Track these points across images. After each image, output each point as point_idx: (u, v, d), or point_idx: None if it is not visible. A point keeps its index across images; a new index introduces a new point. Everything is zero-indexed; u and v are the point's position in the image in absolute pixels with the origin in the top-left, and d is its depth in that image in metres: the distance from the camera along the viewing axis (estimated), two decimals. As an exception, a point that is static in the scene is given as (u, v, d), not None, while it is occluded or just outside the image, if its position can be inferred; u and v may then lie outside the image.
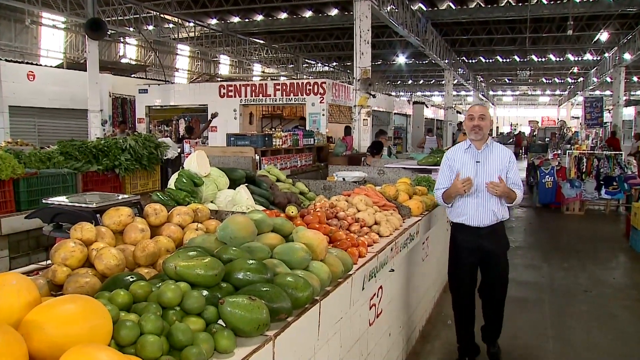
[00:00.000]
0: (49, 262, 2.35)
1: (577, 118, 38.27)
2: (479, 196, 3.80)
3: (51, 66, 16.38)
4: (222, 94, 13.39)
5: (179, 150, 9.62)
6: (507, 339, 4.42)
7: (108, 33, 14.86)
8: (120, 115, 15.41)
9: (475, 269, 3.95)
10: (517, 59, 27.77)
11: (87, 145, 5.91)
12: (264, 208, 3.56)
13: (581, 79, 33.26)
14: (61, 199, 3.04)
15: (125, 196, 3.19)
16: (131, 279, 1.89)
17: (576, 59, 26.92)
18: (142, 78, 17.87)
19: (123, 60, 24.45)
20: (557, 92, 48.99)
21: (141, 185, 6.26)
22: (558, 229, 10.24)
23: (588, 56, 25.94)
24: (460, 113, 30.70)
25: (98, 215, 2.62)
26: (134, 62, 25.27)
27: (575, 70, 31.20)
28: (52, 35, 22.57)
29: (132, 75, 17.84)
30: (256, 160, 6.70)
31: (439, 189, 3.96)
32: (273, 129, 13.29)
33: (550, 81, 39.74)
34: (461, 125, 19.91)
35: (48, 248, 3.26)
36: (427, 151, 12.39)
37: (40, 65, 15.76)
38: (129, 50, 26.28)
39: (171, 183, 3.55)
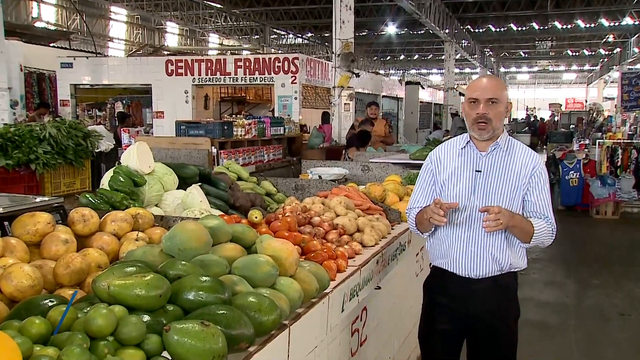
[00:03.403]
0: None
1: (612, 99, 38.69)
2: (474, 228, 2.92)
3: None
4: (169, 71, 13.28)
5: (114, 141, 9.53)
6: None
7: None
8: (36, 96, 15.05)
9: (459, 340, 3.12)
10: (536, 27, 27.51)
11: (-9, 134, 5.81)
12: (222, 213, 3.54)
13: (617, 49, 32.78)
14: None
15: (44, 199, 3.15)
16: (50, 303, 1.87)
17: (611, 24, 26.43)
18: (65, 48, 17.49)
19: (38, 25, 23.92)
20: (586, 67, 49.39)
21: (65, 185, 6.18)
22: (585, 236, 10.38)
23: (627, 20, 25.45)
24: (463, 95, 31.01)
25: (6, 223, 2.58)
26: (52, 28, 24.80)
27: (610, 38, 30.84)
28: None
29: (52, 45, 17.50)
30: (213, 154, 6.69)
31: (411, 209, 3.16)
32: (234, 116, 13.26)
33: (577, 54, 39.93)
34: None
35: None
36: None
37: None
38: (46, 11, 25.73)
39: (105, 182, 3.52)
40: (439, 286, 3.09)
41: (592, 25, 26.91)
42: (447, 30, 21.94)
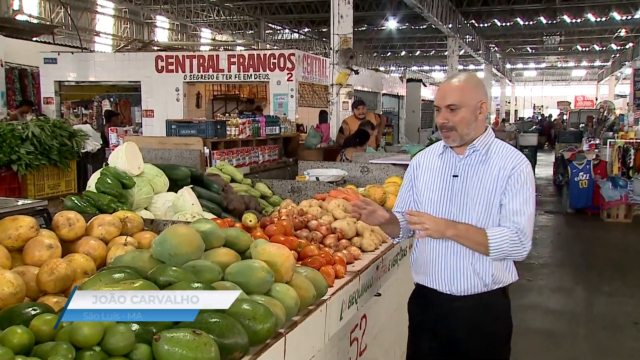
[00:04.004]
0: None
1: (624, 97, 38.73)
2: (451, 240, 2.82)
3: None
4: (159, 67, 13.28)
5: (102, 141, 9.52)
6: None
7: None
8: (18, 93, 15.02)
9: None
10: (544, 21, 27.51)
11: (-29, 133, 5.81)
12: (214, 216, 3.55)
13: (630, 44, 32.66)
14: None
15: (27, 201, 3.15)
16: (33, 312, 1.86)
17: (624, 17, 26.19)
18: (49, 43, 17.45)
19: (19, 18, 23.81)
20: (597, 63, 49.52)
21: (50, 187, 6.18)
22: (596, 240, 10.40)
23: (640, 13, 25.30)
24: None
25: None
26: (35, 21, 24.73)
27: (623, 33, 30.56)
28: None
29: (34, 39, 17.45)
30: (205, 154, 6.68)
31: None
32: (227, 115, 13.26)
33: (587, 49, 39.99)
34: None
35: None
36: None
37: None
38: (28, 4, 25.63)
39: (91, 184, 3.51)
40: (421, 305, 3.00)
41: (603, 19, 26.74)
42: (450, 25, 21.98)
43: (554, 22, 27.59)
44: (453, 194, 2.83)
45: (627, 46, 34.25)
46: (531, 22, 28.04)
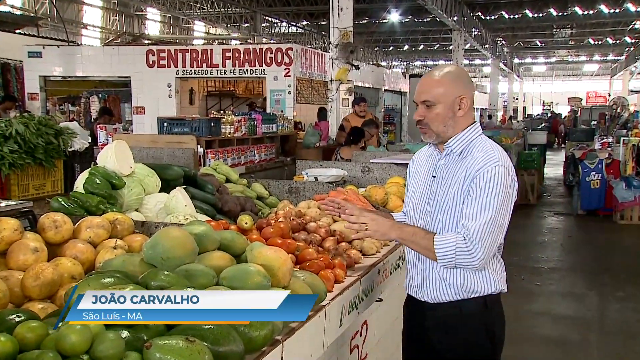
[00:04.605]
0: None
1: (638, 92, 38.84)
2: None
3: None
4: (150, 62, 13.27)
5: (90, 139, 9.52)
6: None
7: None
8: (0, 89, 15.04)
9: None
10: (554, 13, 27.49)
11: (-50, 131, 5.78)
12: (208, 218, 3.55)
13: None
14: None
15: (11, 202, 3.15)
16: (17, 319, 1.86)
17: (639, 9, 26.13)
18: (33, 36, 17.40)
19: (2, 9, 23.78)
20: (610, 57, 49.36)
21: (35, 188, 6.17)
22: (609, 243, 10.41)
23: (657, 4, 25.12)
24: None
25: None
26: (19, 12, 24.71)
27: (638, 25, 30.70)
28: None
29: (18, 32, 17.41)
30: (199, 153, 6.68)
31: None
32: (222, 112, 13.26)
33: (600, 42, 39.84)
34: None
35: None
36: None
37: None
38: (11, -6, 25.66)
39: (79, 184, 3.52)
40: (406, 313, 3.05)
41: (617, 10, 26.66)
42: (455, 18, 21.99)
43: (565, 14, 27.52)
44: (430, 195, 2.81)
45: (642, 39, 34.26)
46: (541, 14, 27.97)
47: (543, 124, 31.60)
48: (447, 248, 2.61)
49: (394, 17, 25.94)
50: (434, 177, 2.82)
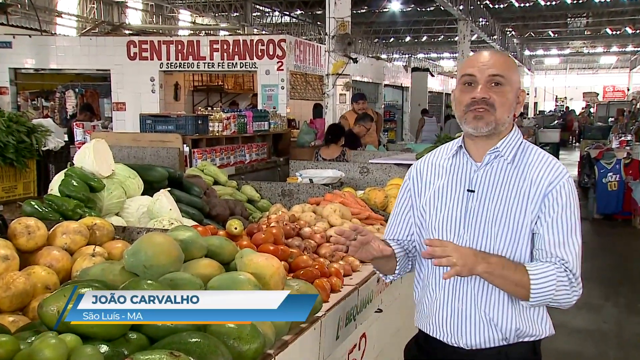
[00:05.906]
0: None
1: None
2: (463, 277, 2.32)
3: None
4: (132, 54, 13.25)
5: (66, 137, 9.51)
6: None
7: None
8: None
9: None
10: (568, 1, 27.27)
11: None
12: (195, 223, 3.55)
13: None
14: None
15: (-18, 207, 3.16)
16: (-14, 332, 1.86)
17: None
18: (3, 24, 17.38)
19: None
20: (629, 48, 49.19)
21: (5, 190, 6.15)
22: (628, 250, 10.39)
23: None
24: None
25: None
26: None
27: None
28: None
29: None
30: (185, 153, 6.68)
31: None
32: (209, 108, 13.25)
33: (618, 32, 39.78)
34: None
35: None
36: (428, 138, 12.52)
37: None
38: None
39: (54, 187, 3.52)
40: (422, 357, 2.59)
41: (637, -4, 26.70)
42: (461, 7, 21.98)
43: (580, 1, 27.37)
44: (468, 215, 2.37)
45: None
46: (554, 3, 27.83)
47: (556, 121, 31.67)
48: (548, 283, 2.24)
49: (394, 5, 25.94)
50: (471, 191, 2.38)
